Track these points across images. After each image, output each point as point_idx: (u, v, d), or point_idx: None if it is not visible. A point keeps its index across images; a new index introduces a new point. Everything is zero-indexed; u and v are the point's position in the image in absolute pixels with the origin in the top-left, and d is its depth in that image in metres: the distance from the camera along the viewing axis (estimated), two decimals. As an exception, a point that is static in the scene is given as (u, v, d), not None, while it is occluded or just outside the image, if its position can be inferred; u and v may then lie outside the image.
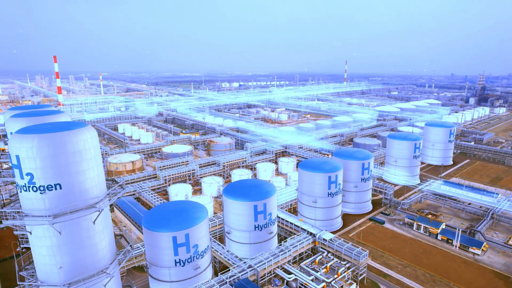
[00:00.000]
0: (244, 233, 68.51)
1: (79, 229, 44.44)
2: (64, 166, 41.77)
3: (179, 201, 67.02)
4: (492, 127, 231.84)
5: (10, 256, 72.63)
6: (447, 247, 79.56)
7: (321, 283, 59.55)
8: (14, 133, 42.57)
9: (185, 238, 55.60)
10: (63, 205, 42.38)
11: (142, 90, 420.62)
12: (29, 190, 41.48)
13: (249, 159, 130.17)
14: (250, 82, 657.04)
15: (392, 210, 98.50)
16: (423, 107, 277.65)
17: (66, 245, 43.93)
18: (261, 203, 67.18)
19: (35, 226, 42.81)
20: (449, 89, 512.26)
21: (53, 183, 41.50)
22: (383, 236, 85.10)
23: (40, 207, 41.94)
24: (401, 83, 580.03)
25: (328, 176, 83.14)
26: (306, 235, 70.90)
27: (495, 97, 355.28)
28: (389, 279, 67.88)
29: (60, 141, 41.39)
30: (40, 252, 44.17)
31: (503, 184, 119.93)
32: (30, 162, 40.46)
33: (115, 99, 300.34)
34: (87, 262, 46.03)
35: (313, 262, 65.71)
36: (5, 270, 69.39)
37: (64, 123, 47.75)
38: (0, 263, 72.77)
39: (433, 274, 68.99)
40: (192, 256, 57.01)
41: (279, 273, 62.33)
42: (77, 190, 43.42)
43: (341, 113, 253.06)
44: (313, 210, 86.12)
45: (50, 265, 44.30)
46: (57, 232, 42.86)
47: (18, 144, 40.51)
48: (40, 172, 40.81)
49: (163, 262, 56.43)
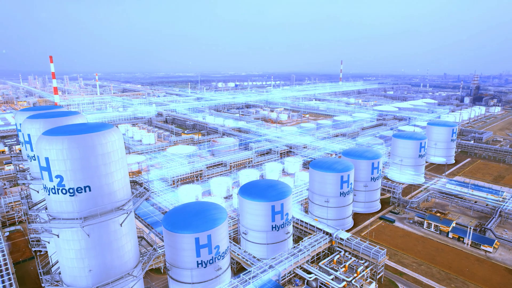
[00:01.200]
0: (261, 234, 68.44)
1: (107, 231, 43.98)
2: (93, 168, 41.30)
3: (198, 202, 66.70)
4: (489, 126, 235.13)
5: (23, 260, 71.45)
6: (459, 245, 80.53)
7: (341, 282, 59.82)
8: (42, 135, 41.94)
9: (207, 239, 55.34)
10: (92, 207, 41.92)
11: (139, 91, 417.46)
12: (58, 192, 40.92)
13: (255, 159, 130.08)
14: (246, 82, 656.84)
15: (401, 209, 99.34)
16: (420, 107, 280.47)
17: (95, 248, 43.43)
18: (278, 203, 67.19)
19: (63, 229, 42.24)
20: (443, 89, 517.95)
21: (82, 185, 41.01)
22: (394, 235, 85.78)
23: (69, 209, 41.41)
24: (396, 83, 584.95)
25: (341, 176, 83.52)
26: (322, 234, 71.13)
27: (489, 97, 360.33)
28: (406, 277, 68.46)
29: (90, 142, 40.92)
30: (68, 256, 43.56)
31: (506, 182, 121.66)
32: (60, 164, 39.92)
33: (112, 100, 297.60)
34: (114, 264, 45.59)
35: (331, 261, 65.98)
36: (21, 273, 68.06)
37: (89, 124, 47.22)
38: (15, 266, 71.55)
39: (448, 272, 69.77)
40: (213, 257, 56.77)
41: (299, 273, 62.43)
42: (106, 192, 42.98)
43: (340, 112, 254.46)
44: (325, 209, 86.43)
45: (78, 268, 43.74)
46: (86, 235, 42.35)
47: (48, 146, 39.93)
48: (70, 175, 40.29)
49: (184, 263, 56.07)
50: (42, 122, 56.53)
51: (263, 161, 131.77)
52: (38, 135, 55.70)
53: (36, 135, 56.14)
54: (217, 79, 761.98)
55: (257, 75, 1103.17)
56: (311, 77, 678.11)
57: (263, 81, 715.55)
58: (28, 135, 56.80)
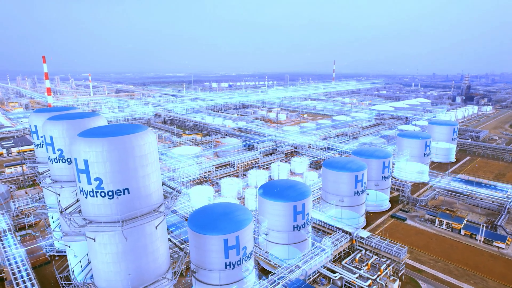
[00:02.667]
0: (283, 234, 68.45)
1: (144, 234, 43.39)
2: (132, 170, 40.72)
3: (220, 203, 66.29)
4: (483, 125, 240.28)
5: (39, 264, 69.76)
6: (471, 242, 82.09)
7: (367, 280, 60.32)
8: (79, 137, 41.07)
9: (235, 241, 55.07)
10: (130, 210, 41.29)
11: (133, 91, 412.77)
12: (97, 195, 40.19)
13: (261, 159, 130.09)
14: (238, 82, 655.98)
15: (410, 207, 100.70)
16: (416, 106, 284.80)
17: (132, 251, 42.80)
18: (300, 203, 67.32)
19: (100, 233, 41.48)
20: (433, 88, 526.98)
21: (121, 187, 40.38)
22: (407, 233, 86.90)
23: (108, 213, 40.71)
24: (388, 83, 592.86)
25: (355, 175, 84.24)
26: (342, 233, 71.61)
27: (480, 96, 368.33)
28: (425, 274, 69.43)
29: (129, 144, 40.32)
30: (104, 260, 42.80)
31: (507, 180, 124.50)
32: (99, 166, 39.22)
33: (107, 100, 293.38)
34: (149, 268, 45.02)
35: (352, 260, 66.50)
36: (39, 278, 66.40)
37: (123, 125, 46.61)
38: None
39: (465, 269, 71.05)
40: (241, 258, 56.53)
41: (324, 272, 62.71)
42: (143, 194, 42.42)
43: (338, 112, 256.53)
44: (338, 208, 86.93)
45: (114, 272, 43.03)
46: (123, 238, 41.69)
47: (88, 148, 39.17)
48: (110, 177, 39.62)
49: (212, 265, 55.60)
50: (66, 123, 55.41)
51: (270, 161, 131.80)
52: (61, 136, 55.21)
53: (60, 137, 55.32)
54: (208, 80, 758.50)
55: (248, 75, 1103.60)
56: (304, 77, 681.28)
57: (255, 81, 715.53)
58: (51, 137, 55.51)
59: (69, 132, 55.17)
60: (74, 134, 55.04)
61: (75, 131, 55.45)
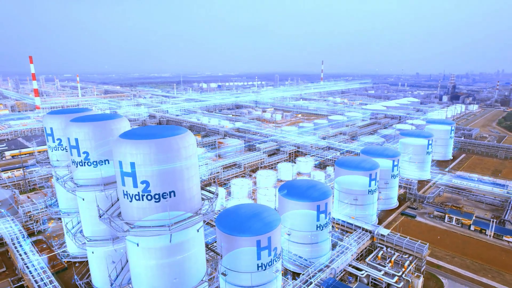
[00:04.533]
0: (306, 234, 68.66)
1: (187, 237, 42.69)
2: (178, 172, 40.01)
3: (246, 204, 65.87)
4: (472, 123, 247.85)
5: (57, 271, 67.50)
6: (482, 237, 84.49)
7: (393, 277, 61.20)
8: (123, 139, 39.98)
9: (268, 242, 54.86)
10: (176, 213, 40.52)
11: (123, 92, 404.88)
12: (143, 199, 39.27)
13: (266, 159, 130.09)
14: (227, 82, 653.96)
15: (418, 204, 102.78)
16: (406, 105, 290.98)
17: (175, 255, 42.02)
18: (323, 203, 67.68)
19: (144, 237, 40.52)
20: (419, 88, 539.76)
21: (168, 190, 39.58)
22: (419, 229, 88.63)
23: (153, 216, 39.81)
24: (376, 83, 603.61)
25: (369, 174, 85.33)
26: (363, 232, 72.42)
27: (465, 95, 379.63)
28: (443, 269, 71.00)
29: (175, 146, 39.61)
30: (148, 264, 41.85)
31: (505, 176, 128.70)
32: (146, 169, 38.32)
33: (98, 102, 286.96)
34: (191, 272, 44.37)
35: (375, 257, 67.35)
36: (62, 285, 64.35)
37: (162, 127, 45.79)
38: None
39: (481, 263, 73.06)
40: (272, 259, 56.38)
41: (350, 270, 63.25)
42: (187, 197, 41.73)
43: (332, 112, 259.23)
44: (351, 207, 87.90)
45: (158, 277, 42.12)
46: (168, 242, 40.87)
47: (135, 151, 38.21)
48: (157, 179, 38.79)
49: (244, 267, 55.22)
50: (92, 125, 53.83)
51: (275, 161, 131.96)
52: (87, 139, 53.61)
53: (86, 139, 53.69)
54: (195, 80, 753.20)
55: (235, 76, 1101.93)
56: (294, 78, 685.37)
57: (242, 81, 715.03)
58: (76, 139, 53.75)
59: (95, 134, 53.73)
60: (100, 136, 54.32)
61: (101, 133, 54.56)
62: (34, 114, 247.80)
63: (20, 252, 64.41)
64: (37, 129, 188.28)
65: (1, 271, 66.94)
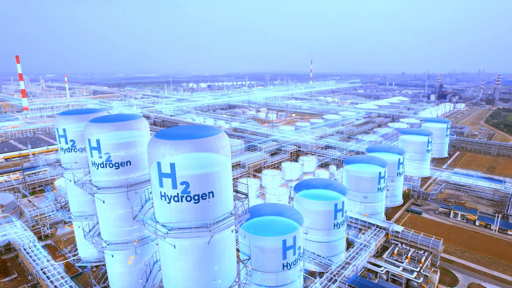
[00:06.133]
0: (324, 232, 69.15)
1: (223, 239, 42.28)
2: (217, 172, 39.63)
3: (265, 204, 65.83)
4: (461, 121, 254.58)
5: (72, 276, 65.78)
6: (487, 232, 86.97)
7: (412, 272, 62.31)
8: (159, 139, 39.22)
9: (293, 241, 55.02)
10: (214, 214, 40.12)
11: (112, 92, 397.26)
12: (182, 200, 38.68)
13: (269, 159, 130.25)
14: (217, 83, 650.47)
15: (422, 201, 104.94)
16: (397, 104, 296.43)
17: (213, 256, 41.61)
18: (340, 201, 68.37)
19: (181, 239, 39.96)
20: (406, 87, 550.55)
21: (207, 191, 39.14)
22: (427, 226, 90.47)
23: (192, 218, 39.28)
24: (365, 82, 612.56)
25: (379, 172, 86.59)
26: (377, 229, 73.44)
27: (451, 94, 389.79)
28: (456, 264, 72.74)
29: (215, 146, 39.20)
30: (184, 267, 41.27)
31: (499, 172, 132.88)
32: (187, 170, 37.80)
33: (88, 102, 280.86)
34: (227, 273, 43.99)
35: (391, 254, 68.44)
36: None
37: (196, 127, 45.23)
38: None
39: (491, 257, 75.20)
40: (296, 258, 56.59)
41: (370, 267, 64.05)
42: (223, 198, 41.36)
43: (325, 111, 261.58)
44: (360, 205, 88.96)
45: (194, 279, 41.63)
46: (206, 244, 40.45)
47: (174, 151, 37.62)
48: (197, 180, 38.30)
49: (270, 267, 55.22)
50: (114, 126, 52.74)
51: (277, 161, 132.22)
52: (109, 140, 52.35)
53: (108, 141, 52.44)
54: (184, 80, 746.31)
55: (222, 75, 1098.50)
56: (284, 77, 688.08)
57: (230, 81, 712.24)
58: (97, 140, 52.44)
59: (117, 135, 52.70)
60: (122, 136, 53.29)
61: (122, 134, 53.54)
62: (23, 116, 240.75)
63: (33, 258, 62.42)
64: (28, 131, 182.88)
65: (13, 277, 64.80)
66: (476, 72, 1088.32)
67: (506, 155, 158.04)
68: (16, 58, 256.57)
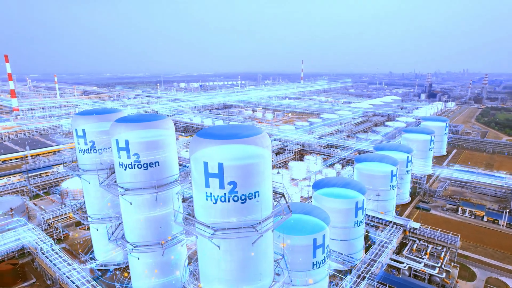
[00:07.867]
0: (346, 230, 69.69)
1: (265, 238, 42.11)
2: (261, 172, 39.55)
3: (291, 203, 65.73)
4: (453, 119, 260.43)
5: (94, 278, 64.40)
6: (495, 227, 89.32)
7: (433, 268, 63.50)
8: (204, 139, 38.84)
9: (322, 240, 55.34)
10: (260, 214, 39.97)
11: (104, 92, 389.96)
12: (229, 200, 38.45)
13: (275, 158, 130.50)
14: (208, 82, 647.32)
15: (429, 198, 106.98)
16: (390, 103, 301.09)
17: (257, 256, 41.50)
18: (361, 199, 69.09)
19: (228, 240, 39.67)
20: (395, 86, 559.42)
21: (253, 191, 39.03)
22: (436, 222, 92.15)
23: (239, 218, 39.07)
24: (355, 81, 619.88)
25: (391, 170, 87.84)
26: (395, 226, 74.54)
27: (441, 93, 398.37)
28: (471, 259, 74.45)
29: (261, 145, 39.12)
30: (228, 268, 41.03)
31: (497, 169, 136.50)
32: (236, 169, 37.59)
33: (81, 102, 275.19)
34: (267, 273, 43.98)
35: (411, 250, 69.58)
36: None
37: (234, 126, 45.14)
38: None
39: (503, 252, 77.29)
40: (325, 257, 56.94)
41: (392, 263, 64.96)
42: (267, 197, 41.36)
43: (320, 111, 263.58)
44: (372, 203, 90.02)
45: (237, 280, 41.42)
46: (251, 243, 40.30)
47: (222, 152, 37.42)
48: (245, 180, 38.15)
49: (300, 265, 55.32)
50: (140, 126, 52.07)
51: (282, 160, 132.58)
52: (137, 140, 51.53)
53: (136, 141, 51.65)
54: (174, 80, 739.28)
55: (211, 75, 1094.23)
56: (275, 77, 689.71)
57: (221, 81, 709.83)
58: (126, 141, 51.58)
59: (147, 134, 52.09)
60: (151, 135, 52.67)
61: (149, 134, 52.91)
62: (13, 117, 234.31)
63: (54, 262, 60.89)
64: (23, 132, 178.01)
65: (31, 282, 63.05)
66: (461, 71, 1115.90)
67: (501, 152, 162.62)
68: (5, 57, 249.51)
